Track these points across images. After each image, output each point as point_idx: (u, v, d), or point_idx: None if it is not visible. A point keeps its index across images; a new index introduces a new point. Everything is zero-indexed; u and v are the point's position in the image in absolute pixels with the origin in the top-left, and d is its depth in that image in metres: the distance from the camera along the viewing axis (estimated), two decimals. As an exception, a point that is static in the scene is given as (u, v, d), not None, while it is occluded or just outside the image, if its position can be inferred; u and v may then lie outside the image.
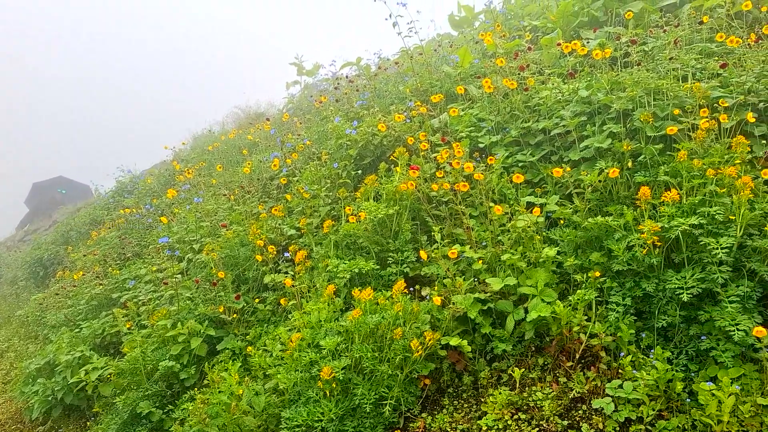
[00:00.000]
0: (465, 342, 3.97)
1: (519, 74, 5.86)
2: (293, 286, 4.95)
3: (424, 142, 5.18)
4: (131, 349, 5.17)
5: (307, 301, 4.75)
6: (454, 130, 5.74)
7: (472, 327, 4.20)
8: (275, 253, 5.52)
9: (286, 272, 5.39)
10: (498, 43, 6.92)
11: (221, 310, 5.23)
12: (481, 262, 4.33)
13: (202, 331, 5.17)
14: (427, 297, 4.36)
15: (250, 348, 4.80)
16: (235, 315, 5.25)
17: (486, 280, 4.17)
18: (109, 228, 10.45)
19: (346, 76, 8.98)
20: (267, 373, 4.41)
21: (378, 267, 4.77)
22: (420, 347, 3.87)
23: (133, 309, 6.11)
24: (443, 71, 6.89)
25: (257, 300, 5.37)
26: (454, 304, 4.07)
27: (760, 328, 3.17)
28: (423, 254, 4.33)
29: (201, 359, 5.15)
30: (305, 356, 4.06)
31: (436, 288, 4.38)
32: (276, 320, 5.20)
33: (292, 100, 12.53)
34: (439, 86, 6.82)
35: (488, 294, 4.16)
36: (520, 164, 5.14)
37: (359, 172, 5.94)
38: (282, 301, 4.96)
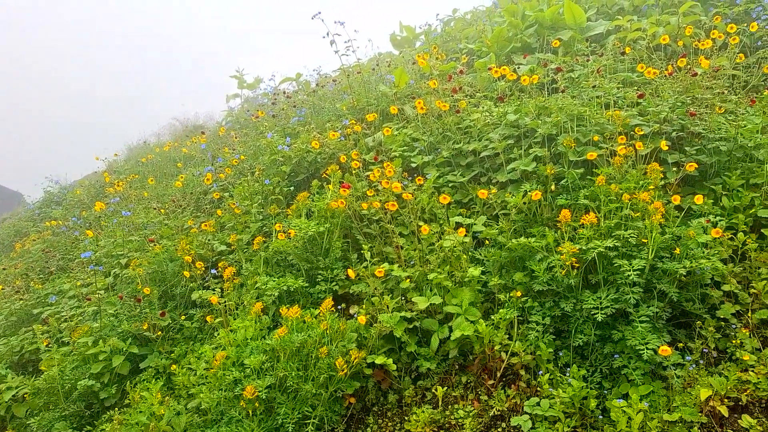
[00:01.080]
0: (390, 360, 4.00)
1: (452, 96, 5.99)
2: (221, 303, 4.88)
3: (355, 161, 5.22)
4: (49, 367, 4.97)
5: (235, 319, 4.68)
6: (387, 149, 5.81)
7: (398, 345, 4.23)
8: (204, 269, 5.43)
9: (215, 289, 5.31)
10: (434, 65, 7.07)
11: (145, 327, 5.10)
12: (408, 280, 4.38)
13: (124, 349, 5.02)
14: (355, 315, 4.37)
15: (174, 366, 4.69)
16: (159, 332, 5.13)
17: (413, 299, 4.22)
18: (35, 240, 10.03)
19: (284, 92, 8.97)
20: (190, 392, 4.32)
21: (307, 285, 4.76)
22: (345, 366, 3.88)
23: (55, 325, 5.87)
24: (380, 90, 6.97)
25: (183, 317, 5.26)
26: (380, 322, 4.09)
27: (666, 347, 3.32)
28: (351, 273, 4.35)
29: (123, 378, 5.00)
30: (229, 375, 4.00)
31: (364, 306, 4.40)
32: (202, 338, 5.11)
33: (231, 114, 12.39)
34: (376, 105, 6.90)
35: (415, 312, 4.21)
36: (450, 184, 5.25)
37: (292, 188, 5.93)
38: (208, 319, 4.88)
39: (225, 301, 4.91)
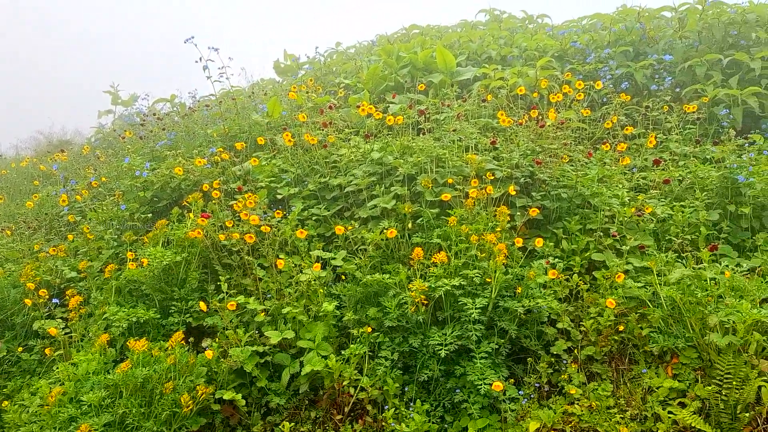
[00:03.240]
0: (239, 396, 3.94)
1: (322, 130, 6.08)
2: (66, 333, 4.61)
3: (216, 190, 5.15)
4: None
5: (79, 351, 4.43)
6: (255, 179, 5.78)
7: (249, 380, 4.17)
8: (48, 296, 5.10)
9: (61, 318, 5.00)
10: (308, 97, 7.15)
11: (-25, 360, 4.70)
12: (264, 314, 4.35)
13: (-51, 384, 4.59)
14: (208, 348, 4.27)
15: (6, 403, 4.34)
16: (-8, 365, 4.74)
17: (266, 333, 4.19)
18: None
19: (154, 114, 8.70)
20: (20, 432, 4.01)
21: (160, 316, 4.60)
22: (191, 401, 3.78)
23: None
24: (253, 119, 6.94)
25: (21, 348, 4.90)
26: (231, 356, 4.03)
27: (498, 383, 3.52)
28: (202, 305, 4.26)
29: (-55, 416, 4.55)
30: (65, 412, 3.77)
31: (217, 339, 4.31)
32: (42, 371, 4.78)
33: (101, 131, 11.79)
34: (248, 133, 6.85)
35: (268, 347, 4.18)
36: (314, 218, 5.29)
37: (150, 215, 5.73)
38: (47, 351, 4.58)
39: (70, 332, 4.64)
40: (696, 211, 4.79)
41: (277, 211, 4.86)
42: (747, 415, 3.37)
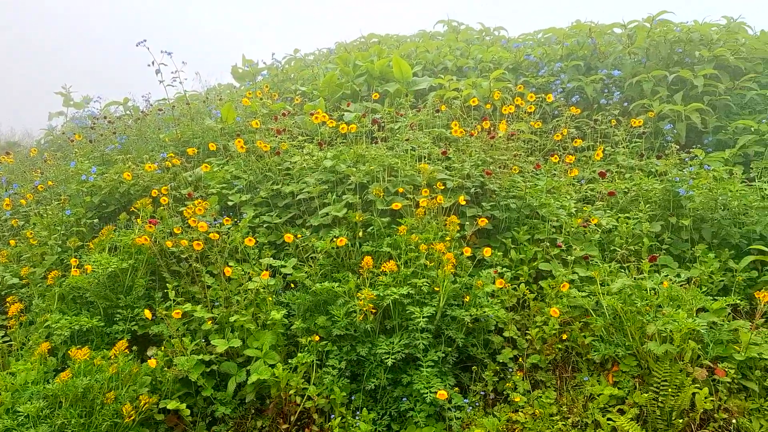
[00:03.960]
0: (184, 405, 3.87)
1: (276, 137, 6.05)
2: (5, 342, 4.47)
3: (164, 197, 5.07)
4: None
5: (17, 360, 4.30)
6: (207, 185, 5.72)
7: (195, 389, 4.11)
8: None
9: (0, 326, 4.85)
10: (263, 103, 7.12)
11: None
12: (211, 322, 4.30)
13: None
14: (153, 357, 4.20)
15: (-62, 414, 4.18)
16: (-76, 375, 4.55)
17: (213, 341, 4.14)
18: None
19: (105, 117, 8.54)
20: (-48, 445, 3.87)
21: (104, 324, 4.50)
22: (133, 412, 3.70)
23: None
24: (206, 125, 6.86)
25: (-43, 358, 4.73)
26: (176, 365, 3.97)
27: (443, 392, 3.55)
28: (147, 313, 4.19)
29: None
30: (0, 424, 3.65)
31: (163, 348, 4.24)
32: (-21, 381, 4.61)
33: (51, 133, 11.50)
34: (201, 139, 6.77)
35: (214, 356, 4.13)
36: (266, 225, 5.26)
37: (96, 220, 5.61)
38: (-17, 361, 4.44)
39: (9, 341, 4.51)
40: (640, 222, 4.93)
41: (226, 218, 4.81)
42: (681, 421, 3.48)
